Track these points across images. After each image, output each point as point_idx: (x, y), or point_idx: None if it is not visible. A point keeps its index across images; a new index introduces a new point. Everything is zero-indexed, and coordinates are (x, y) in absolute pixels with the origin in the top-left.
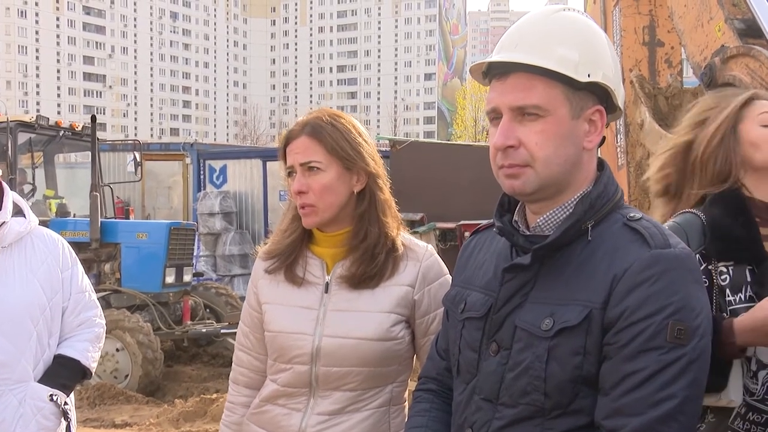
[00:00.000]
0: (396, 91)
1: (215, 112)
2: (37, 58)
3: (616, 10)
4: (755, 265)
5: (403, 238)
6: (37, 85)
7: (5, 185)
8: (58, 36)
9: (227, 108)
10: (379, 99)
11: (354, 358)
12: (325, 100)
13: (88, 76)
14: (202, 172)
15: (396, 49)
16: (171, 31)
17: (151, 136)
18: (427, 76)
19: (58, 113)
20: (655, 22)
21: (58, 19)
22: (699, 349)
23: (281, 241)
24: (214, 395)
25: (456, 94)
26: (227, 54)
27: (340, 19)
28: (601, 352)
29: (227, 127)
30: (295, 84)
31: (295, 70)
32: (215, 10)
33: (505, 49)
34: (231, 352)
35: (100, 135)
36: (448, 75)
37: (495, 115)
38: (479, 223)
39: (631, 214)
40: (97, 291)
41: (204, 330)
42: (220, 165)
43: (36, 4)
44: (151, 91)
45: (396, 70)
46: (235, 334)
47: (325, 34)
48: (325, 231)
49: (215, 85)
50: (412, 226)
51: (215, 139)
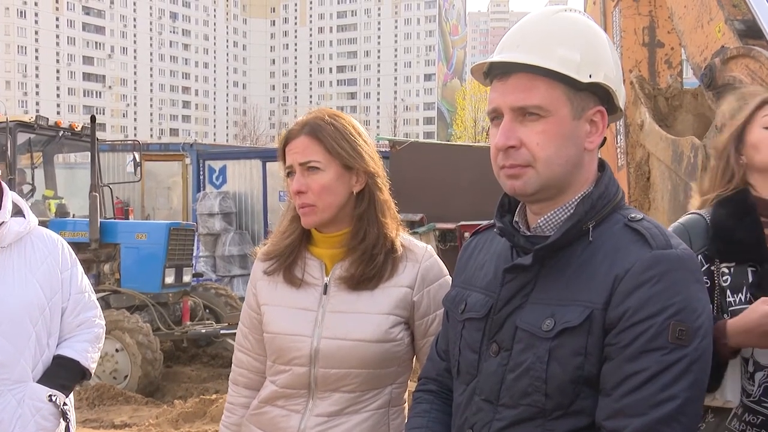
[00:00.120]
0: (396, 92)
1: (215, 113)
2: (36, 58)
3: (616, 11)
4: (758, 265)
5: (402, 238)
6: (36, 85)
7: (5, 185)
8: (57, 36)
9: (227, 108)
10: (378, 99)
11: (353, 359)
12: (325, 101)
13: (87, 77)
14: (201, 173)
15: (396, 50)
16: (171, 32)
17: (151, 136)
18: (427, 77)
19: (58, 113)
20: (655, 22)
21: (57, 19)
22: (700, 349)
23: (280, 243)
24: (214, 396)
25: (456, 95)
26: (227, 54)
27: (339, 20)
28: (602, 352)
29: (227, 127)
30: (295, 84)
31: (295, 71)
32: (215, 11)
33: (506, 50)
34: (230, 353)
35: (99, 135)
36: (448, 75)
37: (496, 116)
38: (479, 224)
39: (632, 215)
40: (96, 291)
41: (203, 331)
42: (220, 165)
43: (35, 4)
44: (151, 91)
45: (396, 70)
46: (234, 334)
47: (324, 35)
48: (323, 232)
49: (215, 85)
50: (411, 226)
51: (215, 140)
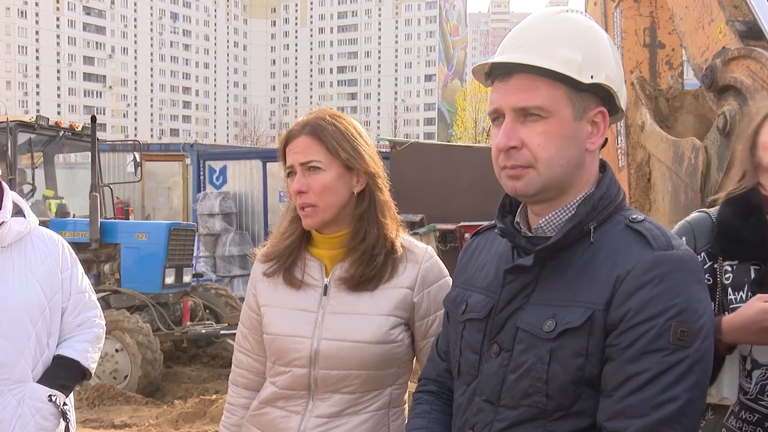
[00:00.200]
0: (396, 92)
1: (215, 113)
2: (37, 58)
3: (616, 12)
4: (762, 263)
5: (402, 239)
6: (37, 86)
7: (5, 185)
8: (58, 36)
9: (227, 109)
10: (379, 100)
11: (353, 361)
12: (326, 101)
13: (88, 77)
14: (201, 173)
15: (396, 50)
16: (171, 32)
17: (151, 136)
18: (428, 78)
19: (58, 113)
20: (655, 23)
21: (58, 19)
22: (702, 350)
23: (279, 244)
24: (214, 396)
25: (456, 96)
26: (227, 55)
27: (340, 20)
28: (603, 353)
29: (227, 127)
30: (296, 85)
31: (296, 71)
32: (215, 11)
33: (507, 50)
34: (230, 353)
35: (99, 135)
36: (449, 76)
37: (497, 116)
38: (479, 225)
39: (634, 216)
40: (96, 291)
41: (203, 331)
42: (220, 166)
43: (36, 5)
44: (151, 91)
45: (396, 71)
46: (234, 335)
47: (325, 35)
48: (324, 232)
49: (215, 85)
50: (412, 227)
51: (215, 140)
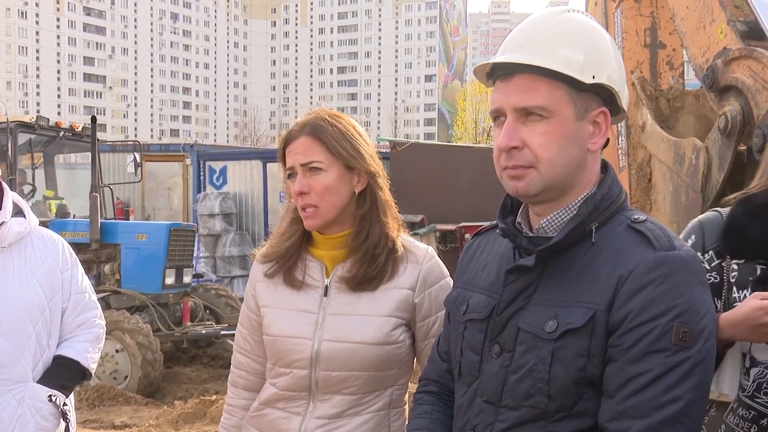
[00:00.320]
0: (396, 93)
1: (215, 113)
2: (37, 58)
3: (617, 12)
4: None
5: (403, 240)
6: (37, 86)
7: (5, 185)
8: (58, 37)
9: (227, 109)
10: (379, 100)
11: (354, 362)
12: (326, 102)
13: (88, 77)
14: (202, 173)
15: (396, 51)
16: (171, 32)
17: (151, 137)
18: (428, 78)
19: (58, 114)
20: (656, 24)
21: (58, 19)
22: (704, 351)
23: (280, 244)
24: (214, 397)
25: (456, 96)
26: (227, 55)
27: (340, 21)
28: (605, 354)
29: (227, 128)
30: (296, 85)
31: (296, 72)
32: (215, 11)
33: (509, 50)
34: (231, 354)
35: (100, 136)
36: (449, 76)
37: (499, 116)
38: (480, 225)
39: (635, 216)
40: (96, 292)
41: (204, 331)
42: (220, 166)
43: (36, 5)
44: (152, 92)
45: (396, 71)
46: (234, 335)
47: (325, 36)
48: (325, 233)
49: (215, 86)
50: (412, 227)
51: (215, 140)
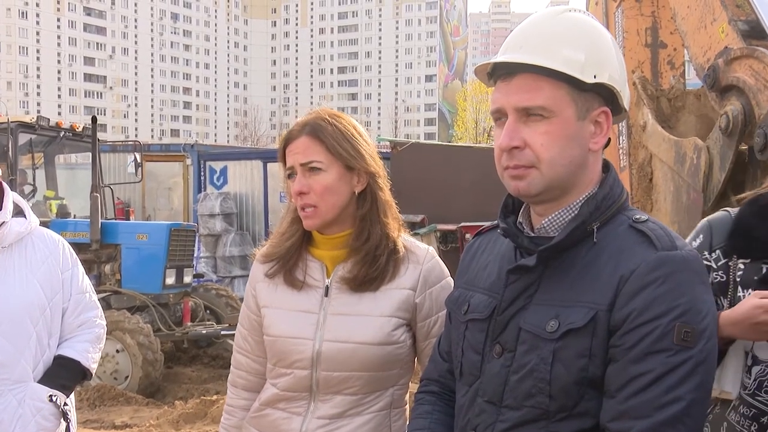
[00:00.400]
0: (397, 93)
1: (216, 114)
2: (37, 59)
3: (618, 12)
4: None
5: (404, 240)
6: (37, 86)
7: (5, 186)
8: (58, 37)
9: (228, 109)
10: (379, 100)
11: (355, 362)
12: (326, 102)
13: (88, 77)
14: (202, 174)
15: (397, 51)
16: (172, 32)
17: (152, 137)
18: (428, 78)
19: (59, 114)
20: (657, 23)
21: (58, 20)
22: (706, 351)
23: (280, 245)
24: (215, 397)
25: (457, 96)
26: (228, 55)
27: (340, 21)
28: (606, 354)
29: (228, 128)
30: (296, 85)
31: (296, 72)
32: (216, 12)
33: (510, 50)
34: (231, 354)
35: (100, 136)
36: (449, 76)
37: (500, 116)
38: (480, 225)
39: (637, 216)
40: (97, 292)
41: (204, 331)
42: (221, 166)
43: (37, 5)
44: (152, 92)
45: (397, 71)
46: (234, 335)
47: (325, 36)
48: (325, 233)
49: (216, 86)
50: (412, 227)
51: (216, 141)
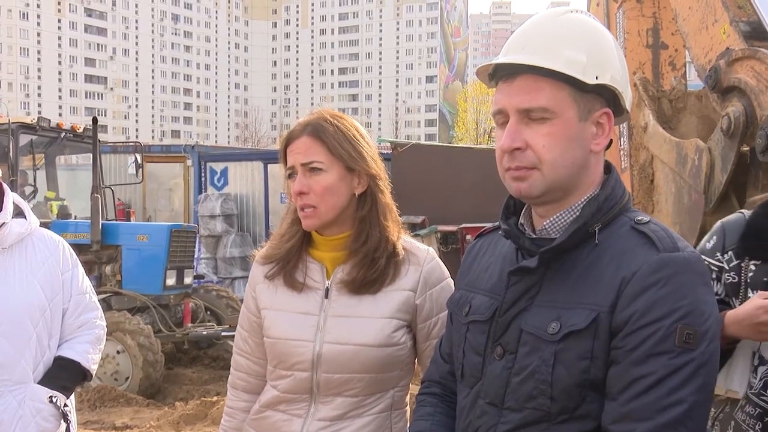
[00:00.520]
0: (397, 94)
1: (216, 114)
2: (38, 60)
3: (619, 13)
4: None
5: (403, 241)
6: (38, 87)
7: (6, 186)
8: (59, 38)
9: (228, 110)
10: (380, 101)
11: (355, 364)
12: (327, 103)
13: (89, 78)
14: (203, 174)
15: (397, 52)
16: (172, 33)
17: (152, 138)
18: (429, 79)
19: (60, 115)
20: (658, 24)
21: (59, 21)
22: (708, 353)
23: (280, 246)
24: (215, 398)
25: (457, 97)
26: (228, 56)
27: (341, 22)
28: (608, 356)
29: (228, 129)
30: (297, 86)
31: (297, 72)
32: (216, 12)
33: (512, 51)
34: (231, 355)
35: (101, 137)
36: (450, 77)
37: (501, 117)
38: (481, 226)
39: (639, 218)
40: (97, 293)
41: (205, 332)
42: (221, 167)
43: (38, 6)
44: (153, 93)
45: (397, 72)
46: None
47: (326, 37)
48: (324, 234)
49: (216, 87)
50: (413, 229)
51: (216, 141)
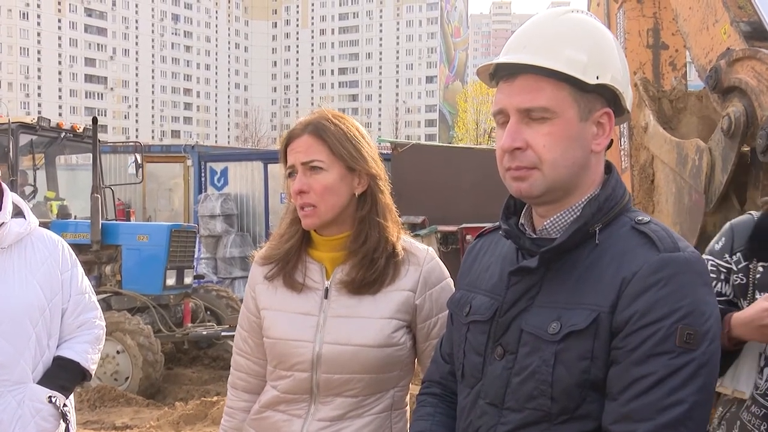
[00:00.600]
0: (397, 94)
1: (216, 114)
2: (38, 59)
3: (619, 13)
4: None
5: (403, 242)
6: (38, 87)
7: (5, 186)
8: (59, 38)
9: (228, 110)
10: (380, 101)
11: (355, 364)
12: (327, 103)
13: (89, 78)
14: (203, 174)
15: (397, 52)
16: (172, 33)
17: (152, 138)
18: (429, 79)
19: (60, 115)
20: (659, 24)
21: (59, 21)
22: (709, 353)
23: (279, 246)
24: (215, 398)
25: (457, 97)
26: (228, 56)
27: (341, 22)
28: (608, 356)
29: (228, 129)
30: (297, 86)
31: (297, 73)
32: (216, 13)
33: (512, 51)
34: (231, 355)
35: (101, 137)
36: (450, 78)
37: (502, 117)
38: (481, 226)
39: (639, 218)
40: (97, 293)
41: (204, 332)
42: (221, 167)
43: (38, 6)
44: (153, 93)
45: (397, 72)
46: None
47: (326, 37)
48: (324, 234)
49: (216, 87)
50: (413, 229)
51: (216, 141)
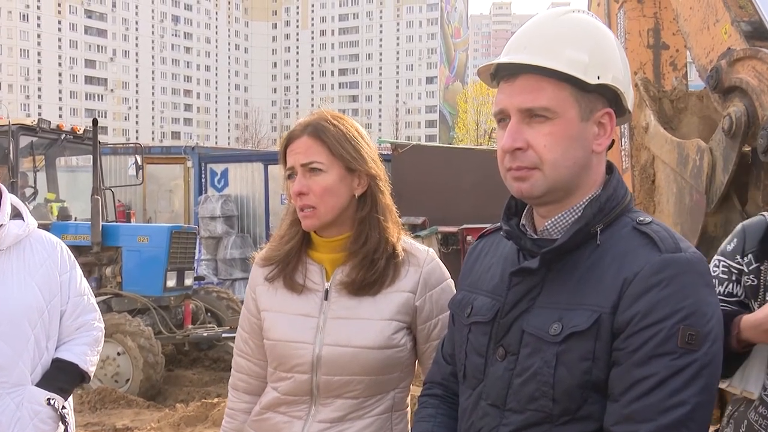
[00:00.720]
0: (398, 95)
1: (216, 116)
2: (39, 61)
3: (620, 13)
4: None
5: (403, 243)
6: (38, 89)
7: (3, 188)
8: (59, 39)
9: (228, 111)
10: (380, 102)
11: (355, 366)
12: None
13: (89, 80)
14: (203, 176)
15: (398, 53)
16: (172, 35)
17: (153, 139)
18: (429, 80)
19: (60, 116)
20: (659, 24)
21: (59, 22)
22: (710, 354)
23: (279, 248)
24: (216, 399)
25: (458, 98)
26: (228, 57)
27: (341, 23)
28: (610, 357)
29: (228, 130)
30: (297, 87)
31: (297, 74)
32: (217, 14)
33: (513, 51)
34: (232, 357)
35: (101, 138)
36: (450, 78)
37: (503, 117)
38: (482, 227)
39: (641, 218)
40: (98, 295)
41: (205, 334)
42: (222, 168)
43: (38, 8)
44: (153, 94)
45: (398, 73)
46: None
47: (326, 38)
48: (324, 235)
49: (216, 88)
50: (413, 230)
51: (216, 143)
